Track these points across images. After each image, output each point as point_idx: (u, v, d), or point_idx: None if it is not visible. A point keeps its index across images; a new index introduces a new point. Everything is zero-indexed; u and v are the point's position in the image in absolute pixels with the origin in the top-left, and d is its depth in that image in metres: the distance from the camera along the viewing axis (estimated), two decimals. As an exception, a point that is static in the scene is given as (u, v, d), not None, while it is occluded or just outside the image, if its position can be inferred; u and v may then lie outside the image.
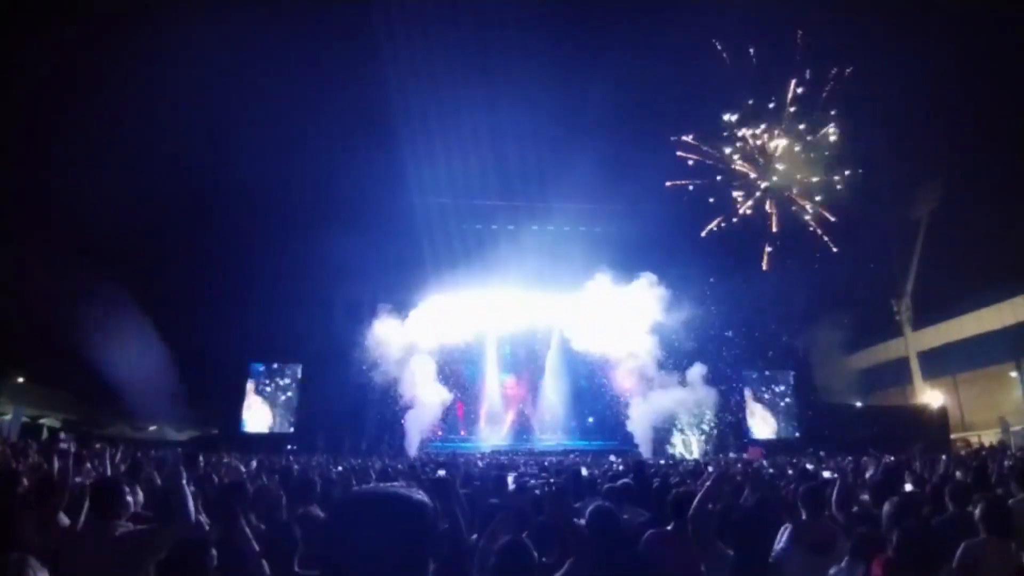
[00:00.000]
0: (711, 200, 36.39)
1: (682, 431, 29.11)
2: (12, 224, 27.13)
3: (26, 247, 26.55)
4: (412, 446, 27.70)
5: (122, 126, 28.73)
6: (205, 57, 28.04)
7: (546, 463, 14.09)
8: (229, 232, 31.16)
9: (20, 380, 28.60)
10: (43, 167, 28.82)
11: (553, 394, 31.71)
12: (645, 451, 26.87)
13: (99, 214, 27.20)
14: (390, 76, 33.15)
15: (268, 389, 30.18)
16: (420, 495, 1.32)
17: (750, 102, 36.30)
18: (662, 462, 16.03)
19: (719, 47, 35.56)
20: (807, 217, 35.66)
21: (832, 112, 35.70)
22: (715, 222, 35.96)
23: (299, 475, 6.88)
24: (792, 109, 36.17)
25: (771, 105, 36.29)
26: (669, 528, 4.00)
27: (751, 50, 35.57)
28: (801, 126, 36.19)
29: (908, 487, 6.64)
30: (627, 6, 36.42)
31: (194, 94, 28.99)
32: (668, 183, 35.64)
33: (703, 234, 35.69)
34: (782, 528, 4.10)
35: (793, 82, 35.78)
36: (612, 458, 18.14)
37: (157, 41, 29.18)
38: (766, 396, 31.02)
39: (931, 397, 33.36)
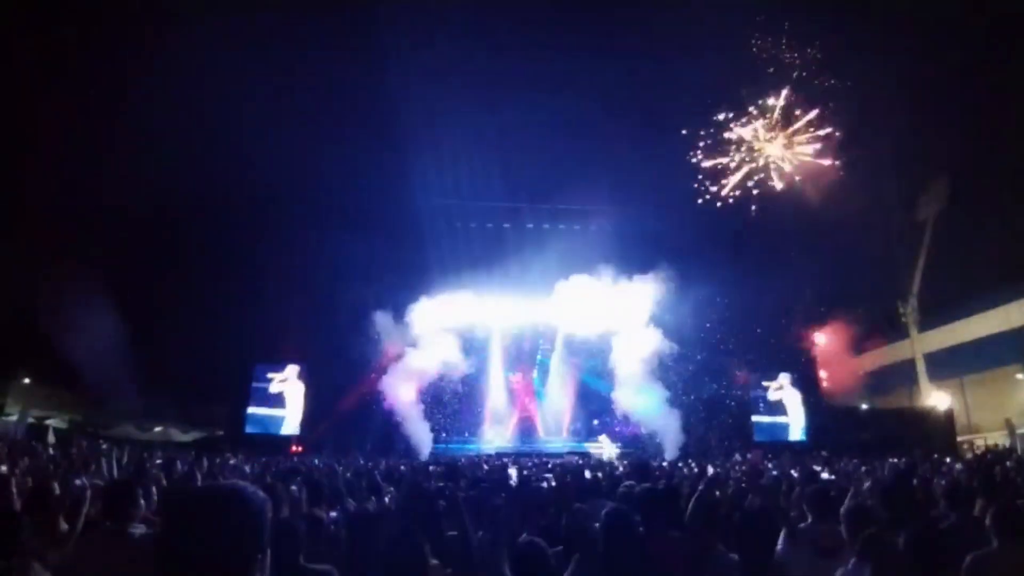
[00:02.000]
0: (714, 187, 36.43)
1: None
2: (16, 222, 27.25)
3: (32, 246, 26.71)
4: (417, 448, 27.75)
5: (127, 125, 28.78)
6: (208, 56, 28.08)
7: (550, 465, 14.14)
8: (234, 233, 31.20)
9: (26, 381, 28.73)
10: (50, 165, 28.94)
11: (558, 396, 31.68)
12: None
13: (105, 214, 27.35)
14: (395, 78, 33.20)
15: (273, 390, 30.19)
16: (253, 489, 1.38)
17: (750, 107, 36.35)
18: (664, 464, 16.02)
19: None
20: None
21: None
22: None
23: (306, 478, 6.90)
24: (797, 112, 36.12)
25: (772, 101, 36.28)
26: (669, 529, 3.98)
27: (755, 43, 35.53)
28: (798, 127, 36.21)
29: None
30: (630, 6, 36.34)
31: (199, 94, 28.96)
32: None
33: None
34: (786, 530, 4.09)
35: (788, 89, 35.85)
36: (615, 461, 18.14)
37: (159, 39, 29.24)
38: (771, 398, 30.84)
39: (937, 399, 33.17)
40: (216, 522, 1.30)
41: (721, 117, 36.46)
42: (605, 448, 27.72)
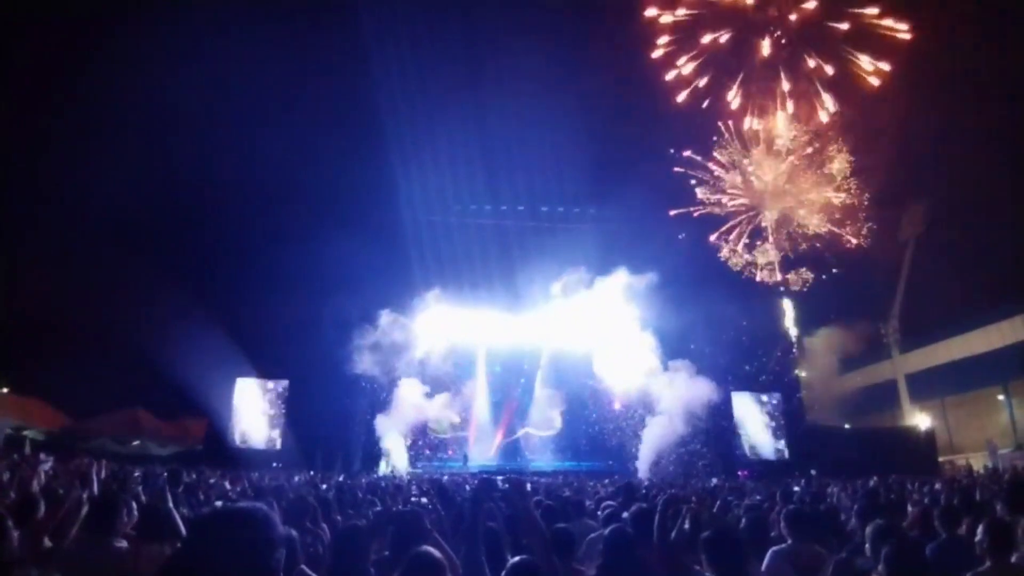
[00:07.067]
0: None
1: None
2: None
3: (9, 258, 26.40)
4: (401, 465, 27.52)
5: (110, 135, 28.71)
6: (192, 62, 28.11)
7: (529, 485, 14.00)
8: (217, 245, 30.98)
9: (4, 391, 28.22)
10: (30, 175, 28.69)
11: (543, 413, 31.47)
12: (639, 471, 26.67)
13: (85, 224, 27.10)
14: (379, 88, 33.30)
15: (254, 405, 29.81)
16: (261, 507, 1.40)
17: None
18: (645, 483, 15.99)
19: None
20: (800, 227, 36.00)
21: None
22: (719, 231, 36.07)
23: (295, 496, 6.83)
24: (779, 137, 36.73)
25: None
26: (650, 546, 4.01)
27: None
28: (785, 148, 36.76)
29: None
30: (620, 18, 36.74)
31: (183, 103, 28.90)
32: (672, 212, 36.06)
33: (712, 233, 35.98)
34: (770, 551, 4.11)
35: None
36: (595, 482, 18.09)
37: (151, 42, 29.23)
38: (755, 418, 30.89)
39: (919, 420, 33.48)
40: (239, 544, 1.29)
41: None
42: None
